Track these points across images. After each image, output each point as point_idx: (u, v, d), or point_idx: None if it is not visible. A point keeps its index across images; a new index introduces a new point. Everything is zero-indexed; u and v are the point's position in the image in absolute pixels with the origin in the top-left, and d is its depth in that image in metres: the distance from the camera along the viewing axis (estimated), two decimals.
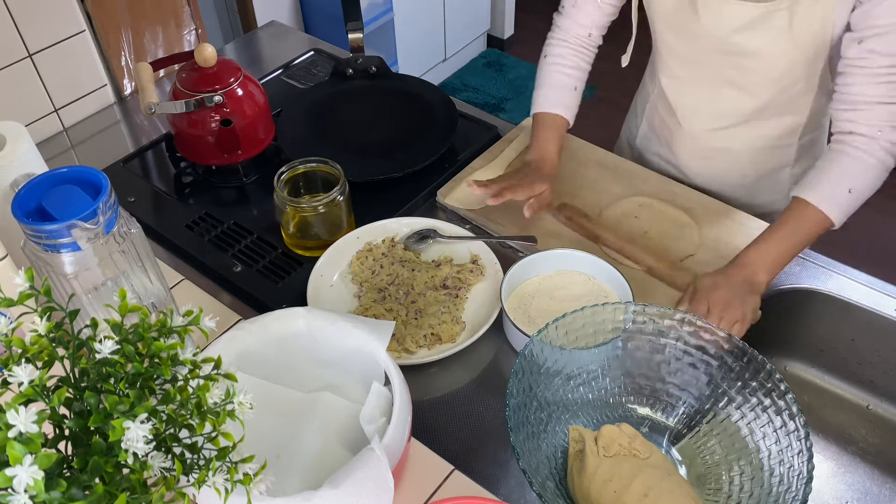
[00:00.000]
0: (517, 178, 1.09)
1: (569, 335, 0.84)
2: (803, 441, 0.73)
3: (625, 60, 1.20)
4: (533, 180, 1.07)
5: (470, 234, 1.09)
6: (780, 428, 0.76)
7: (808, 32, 0.97)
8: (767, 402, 0.78)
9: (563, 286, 1.01)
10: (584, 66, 1.19)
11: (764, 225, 1.11)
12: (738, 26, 1.00)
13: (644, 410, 0.88)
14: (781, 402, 0.76)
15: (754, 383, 0.79)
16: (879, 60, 0.92)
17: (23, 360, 0.54)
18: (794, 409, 0.75)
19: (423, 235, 1.08)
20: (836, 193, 0.95)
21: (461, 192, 1.17)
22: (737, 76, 1.07)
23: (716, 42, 1.04)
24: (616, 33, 1.23)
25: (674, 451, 0.85)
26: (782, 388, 0.76)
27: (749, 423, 0.79)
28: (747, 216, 1.13)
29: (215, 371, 0.59)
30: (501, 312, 0.95)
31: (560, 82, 1.17)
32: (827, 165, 0.97)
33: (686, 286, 0.99)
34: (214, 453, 0.56)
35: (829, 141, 1.01)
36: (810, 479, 0.70)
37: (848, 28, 0.95)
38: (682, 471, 0.83)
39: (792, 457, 0.73)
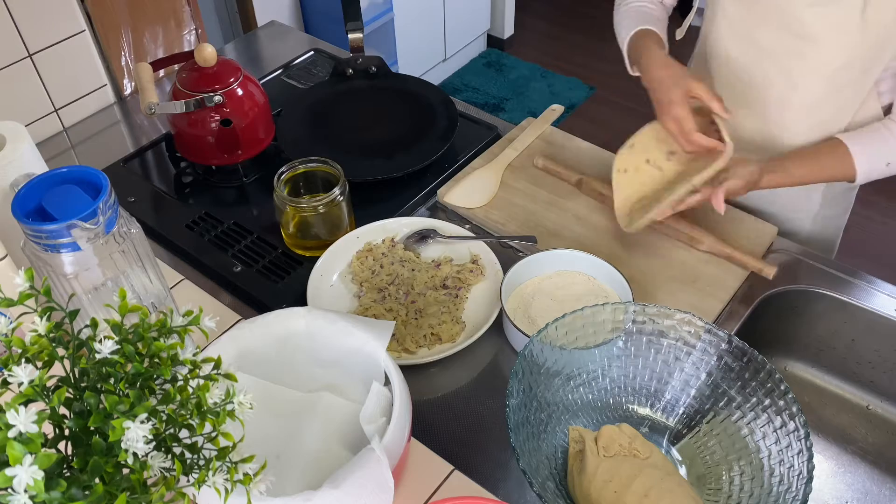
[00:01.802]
0: (683, 109, 0.97)
1: (569, 335, 0.84)
2: (803, 441, 0.73)
3: (679, 33, 1.15)
4: (691, 88, 0.97)
5: (470, 233, 1.09)
6: (780, 428, 0.76)
7: (879, 22, 0.94)
8: (767, 401, 0.78)
9: (563, 286, 1.01)
10: (662, 9, 1.14)
11: (766, 226, 1.11)
12: (812, 0, 0.96)
13: (644, 410, 0.88)
14: (781, 402, 0.76)
15: (754, 383, 0.79)
16: None
17: (23, 360, 0.53)
18: (795, 408, 0.75)
19: (423, 235, 1.08)
20: (874, 156, 0.98)
21: (462, 191, 1.18)
22: (788, 63, 1.02)
23: (782, 18, 0.99)
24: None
25: (674, 451, 0.85)
26: (782, 388, 0.76)
27: (749, 423, 0.79)
28: (749, 216, 1.12)
29: (215, 371, 0.59)
30: (501, 312, 0.95)
31: (641, 12, 1.12)
32: (881, 132, 0.99)
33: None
34: (214, 453, 0.56)
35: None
36: (810, 479, 0.70)
37: None
38: (682, 471, 0.83)
39: (792, 457, 0.73)
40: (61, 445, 0.54)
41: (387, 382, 0.77)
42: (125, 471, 0.52)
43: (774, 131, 1.10)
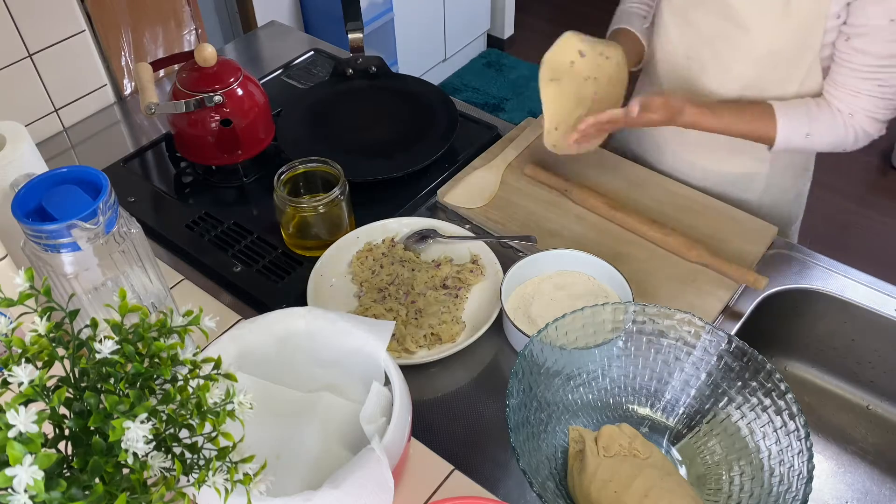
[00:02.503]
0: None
1: (569, 335, 0.84)
2: (803, 441, 0.73)
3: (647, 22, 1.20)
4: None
5: (470, 233, 1.09)
6: (781, 428, 0.76)
7: (801, 10, 0.96)
8: (767, 401, 0.78)
9: (563, 286, 1.01)
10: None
11: (766, 226, 1.11)
12: None
13: (644, 410, 0.88)
14: (781, 402, 0.76)
15: (754, 383, 0.79)
16: (863, 59, 0.95)
17: (23, 360, 0.53)
18: (795, 408, 0.75)
19: (423, 235, 1.08)
20: (797, 127, 1.02)
21: (462, 191, 1.18)
22: (723, 47, 1.06)
23: (716, 0, 1.03)
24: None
25: (674, 451, 0.85)
26: (782, 387, 0.76)
27: (749, 423, 0.79)
28: (748, 216, 1.13)
29: (215, 371, 0.59)
30: (501, 312, 0.95)
31: (630, 11, 1.20)
32: (810, 104, 1.02)
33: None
34: (214, 453, 0.56)
35: None
36: (810, 478, 0.70)
37: (844, 22, 0.96)
38: (682, 471, 0.83)
39: (792, 457, 0.73)
40: (61, 445, 0.54)
41: (387, 382, 0.77)
42: (125, 471, 0.52)
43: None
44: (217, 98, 1.13)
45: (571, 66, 1.02)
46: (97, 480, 0.51)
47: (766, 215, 1.18)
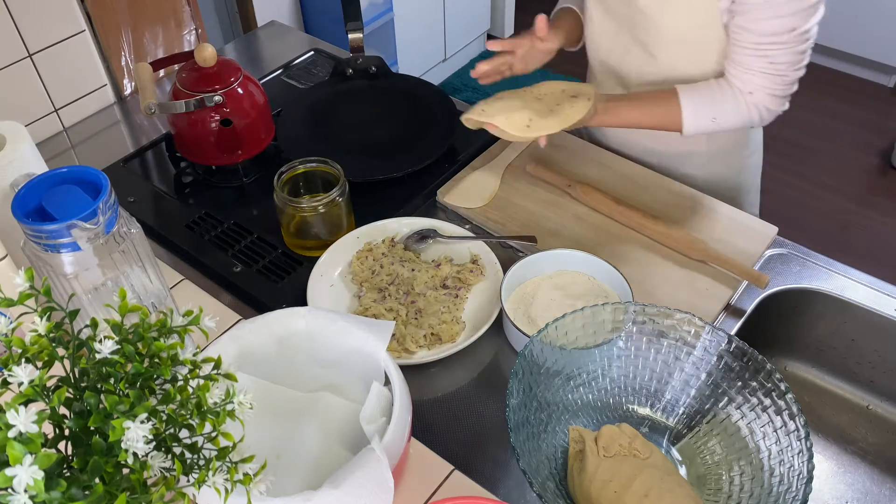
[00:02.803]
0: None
1: (569, 335, 0.84)
2: (803, 441, 0.73)
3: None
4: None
5: (470, 233, 1.09)
6: (781, 428, 0.76)
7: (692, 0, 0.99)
8: (768, 401, 0.78)
9: (564, 286, 1.01)
10: None
11: (766, 226, 1.11)
12: None
13: (644, 410, 0.88)
14: (782, 402, 0.76)
15: (754, 383, 0.79)
16: (750, 37, 0.97)
17: (23, 360, 0.53)
18: (795, 408, 0.75)
19: (423, 235, 1.08)
20: (704, 112, 1.03)
21: (462, 191, 1.18)
22: (637, 32, 1.08)
23: None
24: None
25: (674, 451, 0.85)
26: (782, 387, 0.76)
27: (749, 423, 0.79)
28: (747, 216, 1.13)
29: (215, 371, 0.59)
30: (501, 313, 0.95)
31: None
32: (714, 88, 1.03)
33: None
34: (214, 453, 0.56)
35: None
36: (810, 479, 0.70)
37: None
38: (682, 471, 0.83)
39: (792, 457, 0.73)
40: (61, 445, 0.54)
41: (387, 382, 0.77)
42: (125, 471, 0.52)
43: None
44: (217, 98, 1.13)
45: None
46: (97, 480, 0.51)
47: (713, 189, 1.20)
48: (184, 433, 0.56)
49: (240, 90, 1.16)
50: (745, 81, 1.00)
